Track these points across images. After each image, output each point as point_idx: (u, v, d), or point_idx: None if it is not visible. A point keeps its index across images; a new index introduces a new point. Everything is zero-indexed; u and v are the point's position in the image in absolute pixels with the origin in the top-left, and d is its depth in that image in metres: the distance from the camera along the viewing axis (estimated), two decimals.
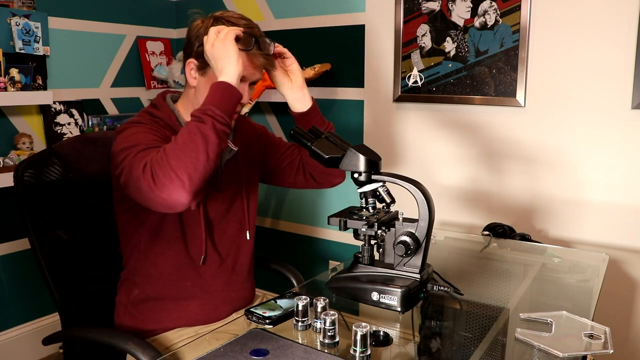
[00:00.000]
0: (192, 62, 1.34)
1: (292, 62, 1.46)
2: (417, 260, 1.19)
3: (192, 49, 1.33)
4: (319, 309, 1.10)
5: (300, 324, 1.11)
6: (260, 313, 1.16)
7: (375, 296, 1.17)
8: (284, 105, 2.64)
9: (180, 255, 1.37)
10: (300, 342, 1.06)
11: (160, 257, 1.37)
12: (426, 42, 2.22)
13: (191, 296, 1.39)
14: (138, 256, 1.39)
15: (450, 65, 2.19)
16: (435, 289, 1.23)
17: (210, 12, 2.93)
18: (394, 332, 1.16)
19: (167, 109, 1.37)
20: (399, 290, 1.14)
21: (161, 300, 1.38)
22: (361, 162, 1.19)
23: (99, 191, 1.51)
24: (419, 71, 2.26)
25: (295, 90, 1.47)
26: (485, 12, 2.08)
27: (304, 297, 1.13)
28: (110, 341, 1.23)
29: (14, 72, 2.17)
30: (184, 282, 1.38)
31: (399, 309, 1.15)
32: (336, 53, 2.50)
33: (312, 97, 1.50)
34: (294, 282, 1.61)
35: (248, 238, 1.49)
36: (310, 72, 2.43)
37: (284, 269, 1.66)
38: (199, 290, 1.39)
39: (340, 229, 1.21)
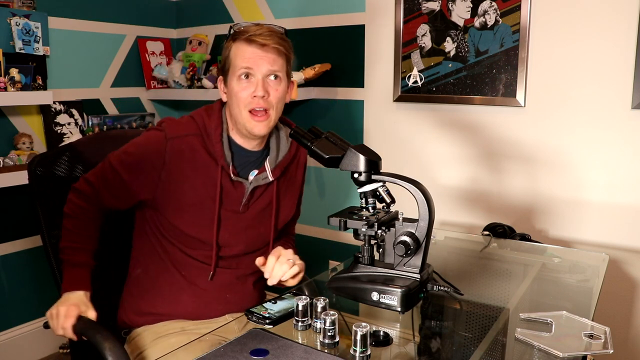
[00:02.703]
0: (221, 80, 1.39)
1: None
2: (417, 260, 1.19)
3: (221, 66, 1.39)
4: (319, 309, 1.10)
5: (300, 324, 1.11)
6: (260, 313, 1.16)
7: (375, 296, 1.17)
8: (285, 105, 2.64)
9: (185, 251, 1.39)
10: (300, 342, 1.06)
11: (164, 251, 1.40)
12: (426, 42, 2.22)
13: (184, 287, 1.40)
14: (144, 239, 1.43)
15: (450, 65, 2.19)
16: (435, 289, 1.23)
17: (210, 13, 2.92)
18: (394, 332, 1.16)
19: (217, 119, 1.38)
20: (399, 290, 1.14)
21: (156, 284, 1.41)
22: (361, 162, 1.19)
23: None
24: (419, 71, 2.26)
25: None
26: (485, 12, 2.08)
27: (304, 297, 1.13)
28: (85, 332, 1.22)
29: (14, 72, 2.17)
30: (179, 272, 1.40)
31: (399, 309, 1.15)
32: (336, 53, 2.50)
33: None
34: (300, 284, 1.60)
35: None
36: (310, 72, 2.43)
37: None
38: (192, 282, 1.40)
39: (340, 229, 1.21)
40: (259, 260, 1.35)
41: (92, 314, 1.25)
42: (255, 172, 1.40)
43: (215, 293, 1.41)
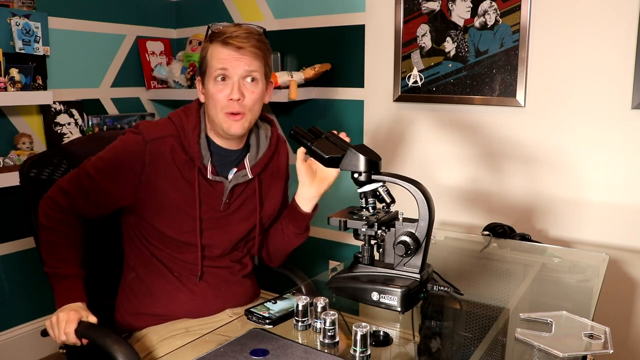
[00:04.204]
0: (199, 80, 1.39)
1: (330, 173, 1.41)
2: (417, 260, 1.19)
3: (198, 67, 1.39)
4: (319, 309, 1.10)
5: (300, 324, 1.11)
6: (260, 313, 1.16)
7: (375, 296, 1.17)
8: (284, 105, 2.65)
9: (172, 254, 1.40)
10: (300, 342, 1.06)
11: (153, 255, 1.40)
12: (426, 42, 2.22)
13: (179, 287, 1.40)
14: (132, 245, 1.43)
15: (450, 65, 2.19)
16: (435, 289, 1.23)
17: (210, 13, 2.92)
18: (394, 332, 1.16)
19: (195, 119, 1.37)
20: (399, 290, 1.14)
21: (151, 287, 1.41)
22: (361, 162, 1.19)
23: None
24: (419, 71, 2.26)
25: (310, 194, 1.43)
26: (485, 12, 2.08)
27: (304, 297, 1.13)
28: (93, 336, 1.23)
29: (14, 72, 2.17)
30: (172, 273, 1.40)
31: (399, 309, 1.15)
32: (336, 53, 2.50)
33: (316, 207, 1.46)
34: (300, 284, 1.60)
35: (256, 263, 1.52)
36: (310, 72, 2.43)
37: (289, 271, 1.64)
38: (186, 281, 1.41)
39: (340, 229, 1.21)
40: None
41: (93, 319, 1.24)
42: (235, 170, 1.41)
43: (210, 289, 1.42)
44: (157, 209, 1.35)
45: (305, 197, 1.43)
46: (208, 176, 1.36)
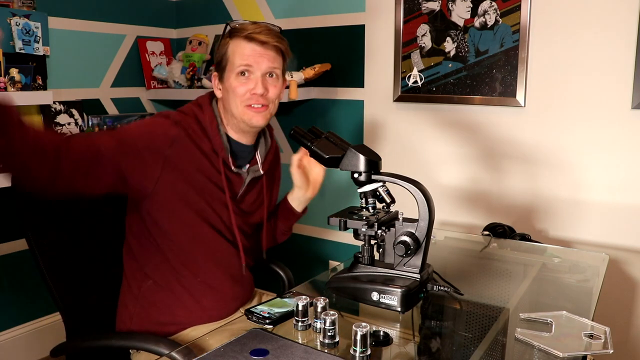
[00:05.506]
0: (215, 75, 1.41)
1: (319, 175, 1.55)
2: (417, 260, 1.19)
3: (216, 62, 1.40)
4: (319, 309, 1.10)
5: (300, 324, 1.11)
6: (260, 313, 1.16)
7: (375, 296, 1.17)
8: (284, 105, 2.65)
9: (202, 254, 1.39)
10: (300, 342, 1.06)
11: (179, 260, 1.39)
12: (426, 42, 2.22)
13: (203, 291, 1.40)
14: (152, 251, 1.38)
15: (450, 65, 2.19)
16: (435, 289, 1.23)
17: (210, 13, 2.93)
18: (394, 332, 1.16)
19: (210, 113, 1.39)
20: (399, 290, 1.14)
21: (172, 294, 1.39)
22: (361, 162, 1.19)
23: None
24: (419, 71, 2.26)
25: (305, 197, 1.57)
26: (485, 12, 2.08)
27: (304, 297, 1.13)
28: (140, 345, 1.23)
29: (14, 72, 2.17)
30: (195, 278, 1.39)
31: (399, 309, 1.15)
32: (336, 53, 2.50)
33: (306, 208, 1.62)
34: (284, 277, 1.66)
35: (264, 257, 1.57)
36: (310, 72, 2.42)
37: (273, 264, 1.69)
38: (210, 286, 1.40)
39: (340, 229, 1.21)
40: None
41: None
42: (248, 165, 1.44)
43: (231, 291, 1.44)
44: (186, 190, 1.31)
45: (301, 200, 1.56)
46: (232, 168, 1.38)
